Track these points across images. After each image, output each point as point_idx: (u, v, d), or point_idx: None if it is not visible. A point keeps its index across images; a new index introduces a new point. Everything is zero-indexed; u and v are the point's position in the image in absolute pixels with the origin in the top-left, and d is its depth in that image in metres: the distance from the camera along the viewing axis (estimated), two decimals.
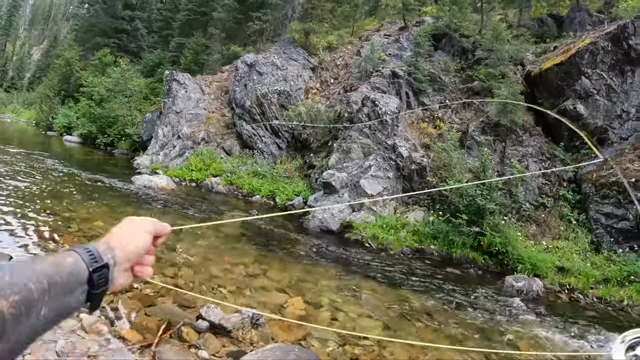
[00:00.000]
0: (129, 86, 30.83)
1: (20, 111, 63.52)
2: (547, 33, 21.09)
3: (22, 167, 17.34)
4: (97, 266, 0.93)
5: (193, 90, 23.42)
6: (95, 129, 30.93)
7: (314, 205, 14.97)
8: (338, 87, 21.44)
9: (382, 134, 15.72)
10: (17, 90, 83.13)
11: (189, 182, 18.72)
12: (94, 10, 47.36)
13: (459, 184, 11.78)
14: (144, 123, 25.70)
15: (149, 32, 46.63)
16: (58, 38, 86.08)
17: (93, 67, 39.56)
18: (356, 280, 9.46)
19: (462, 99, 18.64)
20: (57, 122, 38.08)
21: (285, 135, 20.57)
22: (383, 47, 22.26)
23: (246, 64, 22.50)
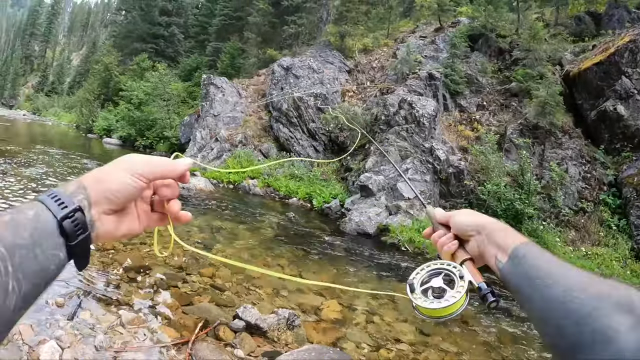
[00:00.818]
0: (167, 90, 31.36)
1: (61, 114, 65.11)
2: (585, 31, 20.72)
3: (64, 168, 17.84)
4: (68, 211, 0.75)
5: (230, 93, 23.71)
6: (134, 132, 31.65)
7: (350, 208, 15.04)
8: (374, 90, 21.41)
9: (419, 136, 15.69)
10: (57, 94, 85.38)
11: (227, 184, 18.94)
12: (132, 17, 48.49)
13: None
14: (182, 126, 26.12)
15: (185, 37, 47.42)
16: (97, 44, 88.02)
17: (131, 71, 40.43)
18: (392, 284, 9.42)
19: (500, 101, 18.49)
20: (97, 125, 38.97)
21: (322, 138, 20.69)
22: (419, 49, 22.18)
23: (282, 68, 22.71)
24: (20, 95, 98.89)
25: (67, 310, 5.78)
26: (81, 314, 5.74)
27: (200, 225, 11.84)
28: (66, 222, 0.74)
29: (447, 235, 1.20)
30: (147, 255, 8.51)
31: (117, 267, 7.64)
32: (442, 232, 1.23)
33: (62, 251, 0.74)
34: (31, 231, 0.70)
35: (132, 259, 8.11)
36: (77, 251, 0.77)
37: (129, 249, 8.72)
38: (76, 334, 5.18)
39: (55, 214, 0.73)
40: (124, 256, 8.22)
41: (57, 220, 0.73)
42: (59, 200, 0.75)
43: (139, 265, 7.84)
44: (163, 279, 7.44)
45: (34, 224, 0.71)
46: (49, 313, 5.61)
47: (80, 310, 5.84)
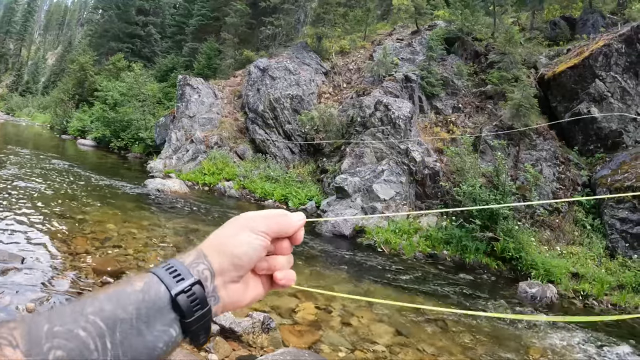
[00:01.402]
0: (142, 91, 31.05)
1: (35, 115, 64.27)
2: (560, 36, 20.97)
3: (36, 169, 17.53)
4: (185, 286, 0.68)
5: (206, 94, 23.52)
6: (109, 133, 31.22)
7: (326, 209, 14.99)
8: (351, 92, 21.39)
9: (395, 138, 15.72)
10: (32, 94, 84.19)
11: (202, 186, 18.75)
12: (108, 16, 47.97)
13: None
14: (157, 127, 25.85)
15: (162, 37, 47.13)
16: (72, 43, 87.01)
17: (107, 71, 40.01)
18: (368, 286, 9.45)
19: (475, 103, 18.60)
20: (71, 125, 38.46)
21: (298, 140, 20.62)
22: (395, 51, 22.21)
23: (259, 69, 22.59)
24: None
25: None
26: None
27: (175, 227, 11.81)
28: (181, 297, 0.67)
29: None
30: (120, 258, 8.42)
31: (89, 271, 7.54)
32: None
33: (174, 328, 0.67)
34: (137, 304, 0.63)
35: (105, 263, 8.01)
36: (194, 328, 0.69)
37: (102, 252, 8.66)
38: None
39: (169, 288, 0.67)
40: (97, 261, 8.11)
41: (170, 294, 0.67)
42: (174, 272, 0.70)
43: (112, 269, 7.74)
44: None
45: (141, 297, 0.65)
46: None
47: None
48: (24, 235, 8.96)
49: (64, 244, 8.83)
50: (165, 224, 11.97)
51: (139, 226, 11.06)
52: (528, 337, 7.73)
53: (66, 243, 8.88)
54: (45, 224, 10.08)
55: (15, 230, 9.17)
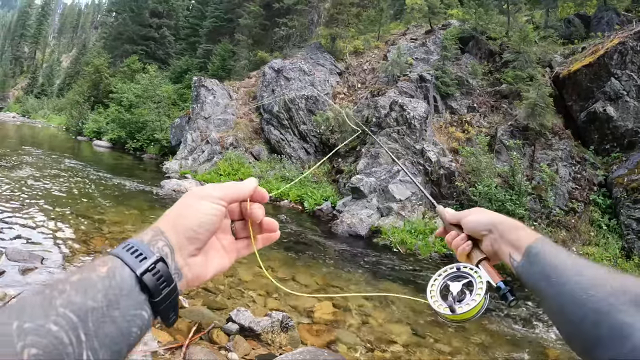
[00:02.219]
0: (157, 92, 31.28)
1: (51, 117, 64.75)
2: (574, 34, 20.85)
3: (53, 170, 17.75)
4: (148, 264, 0.66)
5: (221, 95, 23.67)
6: (124, 134, 31.49)
7: (342, 210, 15.03)
8: (365, 92, 21.40)
9: (411, 138, 15.74)
10: (47, 96, 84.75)
11: None
12: (122, 19, 48.34)
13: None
14: (173, 128, 26.03)
15: (176, 39, 47.36)
16: (87, 46, 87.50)
17: (122, 73, 40.30)
18: (385, 285, 9.41)
19: (490, 103, 18.55)
20: (86, 127, 38.73)
21: (313, 140, 20.71)
22: (410, 51, 22.20)
23: (273, 70, 22.70)
24: (10, 97, 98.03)
25: None
26: None
27: None
28: (147, 277, 0.66)
29: (460, 236, 1.19)
30: None
31: None
32: (454, 233, 1.21)
33: (145, 309, 0.66)
34: (105, 291, 0.61)
35: None
36: (163, 307, 0.68)
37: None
38: None
39: (134, 269, 0.65)
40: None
41: (135, 275, 0.65)
42: (136, 252, 0.67)
43: None
44: None
45: (108, 283, 0.62)
46: None
47: None
48: (43, 235, 9.09)
49: (83, 244, 8.92)
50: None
51: None
52: (545, 339, 7.72)
53: (85, 243, 8.98)
54: (63, 224, 10.21)
55: (35, 230, 9.30)
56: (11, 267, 7.04)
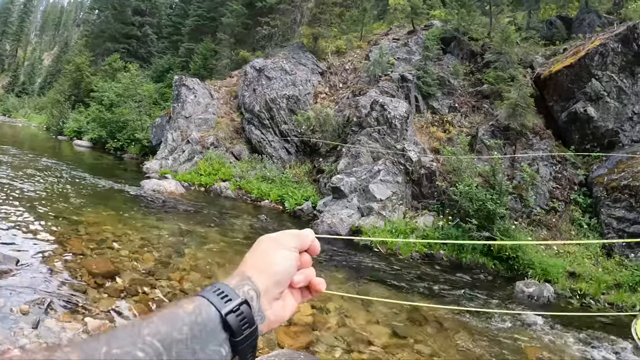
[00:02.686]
0: (138, 91, 31.11)
1: (31, 116, 64.25)
2: (556, 35, 20.99)
3: (31, 170, 17.45)
4: (233, 306, 0.72)
5: (202, 95, 23.49)
6: (105, 134, 31.21)
7: (322, 210, 14.96)
8: (347, 92, 21.37)
9: (391, 138, 15.69)
10: (28, 95, 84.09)
11: (198, 187, 18.71)
12: (104, 16, 47.88)
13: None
14: (154, 128, 25.84)
15: (158, 37, 47.11)
16: (69, 44, 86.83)
17: (103, 72, 39.91)
18: (365, 286, 9.40)
19: (472, 103, 18.58)
20: (67, 126, 38.41)
21: (294, 140, 20.60)
22: (392, 51, 22.22)
23: (255, 69, 22.56)
24: None
25: (31, 318, 5.73)
26: (46, 322, 5.68)
27: (170, 228, 11.75)
28: (230, 317, 0.71)
29: None
30: (116, 260, 8.39)
31: (84, 273, 7.49)
32: None
33: (224, 347, 0.70)
34: (190, 325, 0.66)
35: (100, 265, 7.95)
36: (243, 346, 0.73)
37: (97, 253, 8.62)
38: (41, 343, 5.14)
39: (219, 309, 0.71)
40: (91, 261, 8.06)
41: (220, 314, 0.70)
42: (222, 294, 0.73)
43: (106, 271, 7.70)
44: (131, 284, 7.34)
45: (193, 318, 0.67)
46: (13, 321, 5.57)
47: (45, 317, 5.79)
48: (18, 236, 8.90)
49: (59, 245, 8.78)
50: (161, 225, 11.92)
51: (135, 227, 11.04)
52: (525, 337, 7.69)
53: (62, 244, 8.83)
54: (40, 225, 10.02)
55: (10, 232, 9.09)
56: None
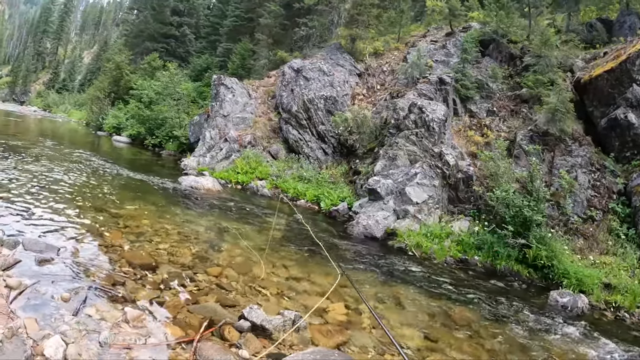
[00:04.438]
0: (177, 89, 31.64)
1: (71, 111, 65.52)
2: (596, 38, 20.57)
3: (72, 164, 18.04)
4: None
5: (240, 94, 23.77)
6: (143, 130, 31.84)
7: (358, 211, 15.02)
8: (384, 94, 21.42)
9: (429, 141, 15.64)
10: (68, 91, 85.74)
11: (235, 185, 18.98)
12: (143, 16, 48.85)
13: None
14: (192, 125, 26.24)
15: (196, 37, 47.71)
16: (108, 42, 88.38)
17: (142, 70, 40.67)
18: (398, 289, 9.35)
19: (510, 107, 18.40)
20: (106, 122, 39.30)
21: (331, 141, 20.74)
22: (429, 53, 22.15)
23: (293, 70, 22.77)
24: (32, 91, 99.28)
25: (72, 305, 5.86)
26: (86, 310, 5.81)
27: (207, 224, 11.96)
28: None
29: None
30: (154, 253, 8.58)
31: (123, 264, 7.71)
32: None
33: None
34: None
35: (139, 257, 8.17)
36: None
37: (136, 246, 8.82)
38: (81, 330, 5.23)
39: None
40: (132, 254, 8.28)
41: None
42: None
43: (146, 263, 7.91)
44: (169, 277, 7.50)
45: None
46: (55, 308, 5.70)
47: (85, 305, 5.92)
48: (60, 227, 9.22)
49: (99, 237, 9.05)
50: (197, 221, 12.19)
51: (172, 222, 11.30)
52: (559, 347, 7.64)
53: (101, 236, 9.10)
54: (81, 217, 10.37)
55: (52, 222, 9.43)
56: (28, 257, 7.14)
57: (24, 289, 5.99)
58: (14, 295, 5.77)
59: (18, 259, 6.92)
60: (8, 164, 15.51)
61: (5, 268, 6.54)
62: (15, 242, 7.60)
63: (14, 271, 6.55)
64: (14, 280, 6.11)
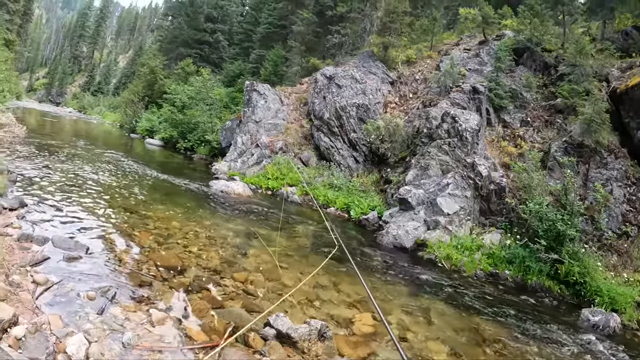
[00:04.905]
0: (210, 95, 32.05)
1: (106, 113, 66.77)
2: (632, 47, 20.06)
3: (105, 164, 18.52)
4: None
5: (272, 100, 23.97)
6: (176, 134, 32.45)
7: (388, 220, 14.96)
8: (417, 102, 21.34)
9: (462, 151, 15.51)
10: (103, 94, 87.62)
11: (265, 190, 19.14)
12: (178, 23, 49.72)
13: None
14: (224, 130, 26.53)
15: (229, 43, 48.26)
16: (143, 47, 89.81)
17: (176, 75, 41.32)
18: (427, 301, 9.27)
19: (544, 117, 18.14)
20: (140, 125, 40.18)
21: (362, 149, 20.71)
22: (463, 62, 21.99)
23: (325, 77, 22.89)
24: (68, 93, 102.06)
25: (97, 304, 5.97)
26: (111, 309, 5.90)
27: (236, 229, 11.98)
28: None
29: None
30: (183, 255, 8.67)
31: (151, 265, 7.80)
32: None
33: None
34: None
35: (166, 259, 8.26)
36: None
37: (164, 248, 8.93)
38: (105, 329, 5.30)
39: None
40: (159, 255, 8.38)
41: None
42: None
43: (173, 265, 8.00)
44: (196, 280, 7.55)
45: None
46: (80, 305, 5.80)
47: (110, 305, 6.02)
48: (89, 225, 9.42)
49: (128, 237, 9.21)
50: (226, 225, 12.25)
51: (202, 225, 11.41)
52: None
53: (130, 236, 9.26)
54: (111, 216, 10.60)
55: (83, 221, 9.63)
56: (56, 254, 7.29)
57: (50, 286, 6.12)
58: (40, 291, 5.90)
59: (47, 256, 7.09)
60: (42, 162, 15.94)
61: (33, 264, 6.70)
62: (44, 238, 7.78)
63: (42, 267, 6.71)
64: (41, 276, 6.25)
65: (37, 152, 17.93)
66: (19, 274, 6.18)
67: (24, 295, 5.65)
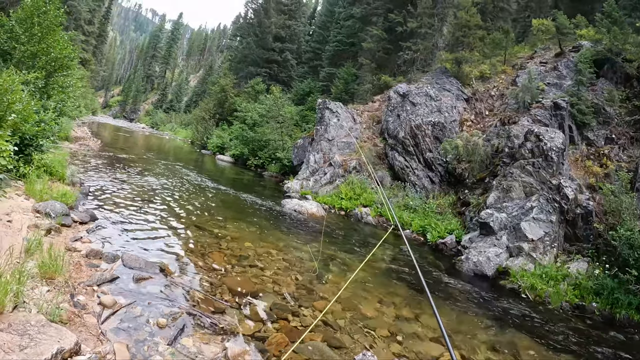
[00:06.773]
0: (280, 113, 32.42)
1: (177, 130, 69.00)
2: None
3: (176, 180, 18.94)
4: None
5: (345, 118, 23.99)
6: (247, 151, 33.13)
7: (468, 246, 14.36)
8: (494, 119, 20.75)
9: (547, 172, 14.75)
10: (175, 111, 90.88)
11: (338, 210, 19.05)
12: (247, 43, 51.08)
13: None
14: (295, 148, 26.78)
15: (298, 62, 49.16)
16: (213, 67, 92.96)
17: (246, 94, 42.34)
18: (512, 336, 8.72)
19: (630, 133, 17.20)
20: (211, 142, 41.28)
21: (438, 169, 20.30)
22: (540, 76, 21.25)
23: (399, 94, 22.68)
24: (141, 110, 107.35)
25: (168, 332, 5.59)
26: (183, 340, 5.52)
27: (311, 251, 11.61)
28: None
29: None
30: (257, 280, 8.40)
31: (224, 290, 7.53)
32: None
33: None
34: None
35: (241, 283, 7.98)
36: None
37: (238, 271, 8.69)
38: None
39: None
40: (233, 279, 8.10)
41: None
42: None
43: (248, 290, 7.69)
44: (273, 309, 7.22)
45: None
46: (149, 333, 5.48)
47: (182, 335, 5.65)
48: (161, 243, 9.38)
49: (200, 258, 9.04)
50: (301, 247, 11.97)
51: (276, 247, 11.26)
52: None
53: (202, 257, 9.12)
54: (183, 235, 10.57)
55: (155, 240, 9.56)
56: (126, 273, 7.15)
57: (118, 309, 5.85)
58: (107, 315, 5.62)
59: (115, 275, 6.89)
60: (114, 174, 16.48)
61: (100, 283, 6.46)
62: (114, 256, 7.65)
63: (110, 287, 6.48)
64: (108, 298, 6.00)
65: (110, 165, 18.57)
66: (85, 294, 5.98)
67: (89, 318, 5.39)
